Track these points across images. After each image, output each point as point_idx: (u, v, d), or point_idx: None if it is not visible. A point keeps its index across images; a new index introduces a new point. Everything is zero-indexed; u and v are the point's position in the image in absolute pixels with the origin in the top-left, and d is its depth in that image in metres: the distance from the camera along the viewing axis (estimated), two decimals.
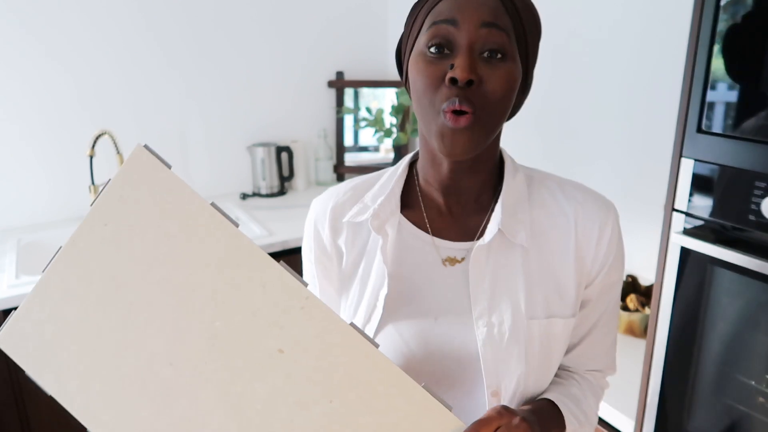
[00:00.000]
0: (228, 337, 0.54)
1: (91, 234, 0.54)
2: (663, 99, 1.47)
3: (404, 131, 2.38)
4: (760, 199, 0.90)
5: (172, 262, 0.54)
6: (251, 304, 0.54)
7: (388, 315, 0.73)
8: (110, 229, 0.54)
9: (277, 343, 0.55)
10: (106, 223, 0.54)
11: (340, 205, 0.78)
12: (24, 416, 1.64)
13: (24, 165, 1.97)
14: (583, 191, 0.74)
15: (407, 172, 0.78)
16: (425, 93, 0.63)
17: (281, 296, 0.55)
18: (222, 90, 2.26)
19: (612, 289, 0.76)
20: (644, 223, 1.55)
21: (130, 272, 0.54)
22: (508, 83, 0.62)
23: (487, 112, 0.62)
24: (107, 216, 0.54)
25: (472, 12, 0.61)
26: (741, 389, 1.00)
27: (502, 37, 0.61)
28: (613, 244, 0.73)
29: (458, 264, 0.72)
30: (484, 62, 0.61)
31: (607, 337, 0.80)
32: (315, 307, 0.55)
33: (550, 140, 1.84)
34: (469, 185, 0.72)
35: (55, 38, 1.92)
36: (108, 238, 0.54)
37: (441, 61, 0.62)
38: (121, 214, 0.55)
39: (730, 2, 0.90)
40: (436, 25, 0.62)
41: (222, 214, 0.55)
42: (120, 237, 0.54)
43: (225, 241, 0.55)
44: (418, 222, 0.75)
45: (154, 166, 0.55)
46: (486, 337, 0.69)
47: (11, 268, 1.68)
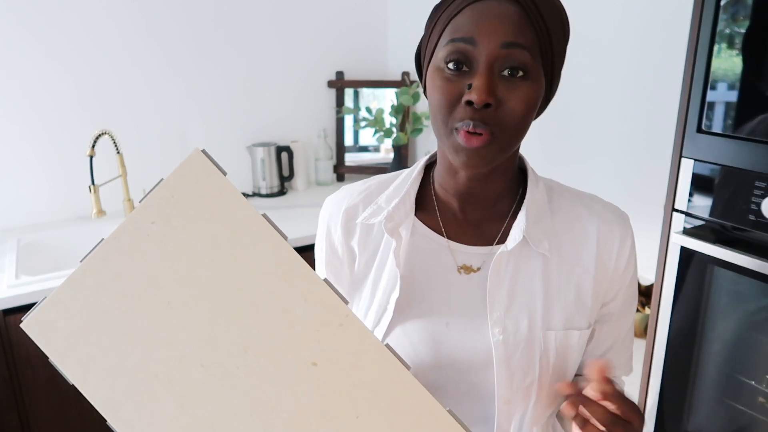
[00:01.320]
0: (263, 345, 0.55)
1: (137, 230, 0.55)
2: (663, 99, 1.47)
3: (404, 131, 2.38)
4: (760, 199, 0.90)
5: (216, 266, 0.55)
6: (290, 316, 0.55)
7: (397, 318, 0.71)
8: (156, 228, 0.55)
9: (311, 356, 0.55)
10: (153, 221, 0.55)
11: (354, 206, 0.77)
12: (24, 416, 1.64)
13: (24, 165, 1.97)
14: (602, 203, 0.74)
15: (423, 174, 0.76)
16: (440, 109, 0.61)
17: (322, 311, 0.55)
18: (222, 90, 2.26)
19: (633, 301, 0.76)
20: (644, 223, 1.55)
21: (171, 272, 0.55)
22: (528, 104, 0.60)
23: (504, 132, 0.60)
24: (155, 214, 0.55)
25: (492, 31, 0.58)
26: (741, 389, 1.00)
27: (524, 56, 0.59)
28: (632, 257, 0.73)
29: (474, 273, 0.71)
30: (504, 81, 0.59)
31: (628, 347, 0.80)
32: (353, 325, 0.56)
33: (550, 140, 1.84)
34: (487, 193, 0.71)
35: (55, 38, 1.92)
36: (153, 236, 0.55)
37: (459, 78, 0.60)
38: (169, 214, 0.55)
39: (730, 2, 0.90)
40: (453, 42, 0.60)
41: (272, 225, 0.55)
42: (165, 236, 0.55)
43: (272, 252, 0.55)
44: (432, 225, 0.74)
45: (209, 170, 0.55)
46: (501, 345, 0.68)
47: (11, 268, 1.68)
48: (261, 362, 0.55)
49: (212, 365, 0.55)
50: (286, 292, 0.55)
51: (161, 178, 0.56)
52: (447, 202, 0.73)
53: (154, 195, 0.55)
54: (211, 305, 0.55)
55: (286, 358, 0.55)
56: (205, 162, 0.55)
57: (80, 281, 0.54)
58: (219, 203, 0.55)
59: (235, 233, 0.55)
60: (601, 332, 0.76)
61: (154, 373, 0.55)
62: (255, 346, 0.55)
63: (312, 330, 0.55)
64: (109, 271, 0.54)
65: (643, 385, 1.14)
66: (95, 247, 0.55)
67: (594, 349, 0.77)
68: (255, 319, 0.55)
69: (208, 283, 0.55)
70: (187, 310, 0.55)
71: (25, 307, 1.57)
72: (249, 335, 0.55)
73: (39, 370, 1.62)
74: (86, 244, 2.00)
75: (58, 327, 0.54)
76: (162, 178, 0.56)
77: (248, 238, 0.55)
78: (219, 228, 0.55)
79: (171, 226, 0.55)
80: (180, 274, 0.55)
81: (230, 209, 0.55)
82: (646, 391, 1.14)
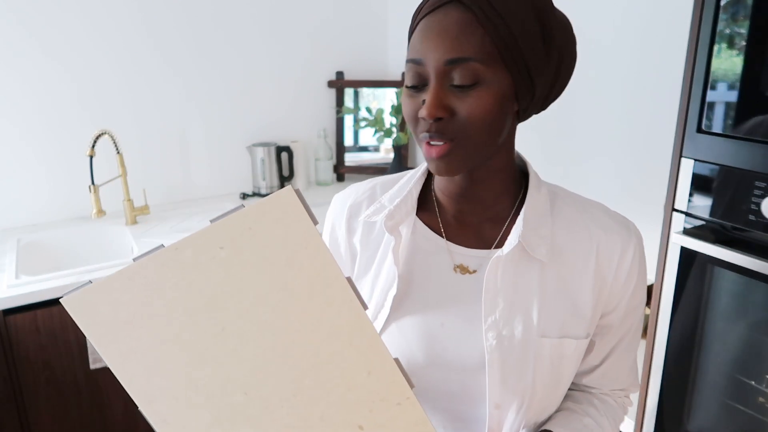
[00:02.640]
0: (314, 397, 0.54)
1: (203, 249, 0.52)
2: (663, 99, 1.47)
3: (404, 131, 2.38)
4: (760, 199, 0.90)
5: (281, 311, 0.53)
6: (349, 382, 0.55)
7: (394, 315, 0.72)
8: (225, 254, 0.52)
9: (359, 421, 0.55)
10: (222, 246, 0.52)
11: (358, 204, 0.78)
12: (24, 416, 1.64)
13: (24, 165, 1.97)
14: (607, 213, 0.73)
15: (426, 175, 0.77)
16: (409, 124, 0.66)
17: (383, 387, 0.55)
18: (222, 90, 2.26)
19: (635, 311, 0.75)
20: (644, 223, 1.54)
21: (231, 301, 0.53)
22: (484, 109, 0.60)
23: (467, 138, 0.62)
24: (226, 240, 0.52)
25: (434, 49, 0.60)
26: (741, 389, 1.00)
27: (470, 68, 0.59)
28: (635, 268, 0.71)
29: (470, 274, 0.71)
30: (456, 91, 0.60)
31: (629, 356, 0.79)
32: (412, 408, 0.55)
33: (549, 140, 1.84)
34: (481, 195, 0.71)
35: (55, 38, 1.92)
36: (220, 260, 0.52)
37: (417, 95, 0.63)
38: (242, 245, 0.52)
39: (730, 2, 0.90)
40: (408, 63, 0.63)
41: (355, 291, 0.54)
42: (233, 265, 0.52)
43: (347, 317, 0.54)
44: (433, 226, 0.74)
45: (299, 214, 0.52)
46: (494, 350, 0.68)
47: (11, 268, 1.68)
48: (307, 409, 0.55)
49: (256, 397, 0.54)
50: (352, 360, 0.54)
51: (241, 205, 0.53)
52: (446, 203, 0.74)
53: (230, 220, 0.52)
54: (268, 346, 0.54)
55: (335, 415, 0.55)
56: (296, 203, 0.52)
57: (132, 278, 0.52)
58: (301, 251, 0.53)
59: (313, 287, 0.53)
60: (599, 344, 0.76)
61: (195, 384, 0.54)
62: (305, 396, 0.55)
63: (368, 400, 0.55)
64: (165, 277, 0.53)
65: (643, 385, 1.14)
66: (152, 251, 0.52)
67: (592, 359, 0.77)
68: (311, 373, 0.54)
69: (269, 324, 0.53)
70: (240, 341, 0.53)
71: (25, 307, 1.57)
72: (302, 384, 0.54)
73: (39, 370, 1.62)
74: (86, 244, 2.00)
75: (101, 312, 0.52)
76: (243, 204, 0.53)
77: (326, 296, 0.53)
78: (295, 275, 0.53)
79: (241, 257, 0.52)
80: (241, 306, 0.53)
81: (312, 261, 0.53)
82: (646, 391, 1.14)
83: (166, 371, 0.54)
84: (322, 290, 0.54)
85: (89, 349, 1.65)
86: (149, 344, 0.53)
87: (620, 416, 0.81)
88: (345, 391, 0.55)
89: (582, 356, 0.74)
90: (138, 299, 0.53)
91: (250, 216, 0.52)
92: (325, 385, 0.55)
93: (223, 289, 0.53)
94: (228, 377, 0.54)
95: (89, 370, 1.68)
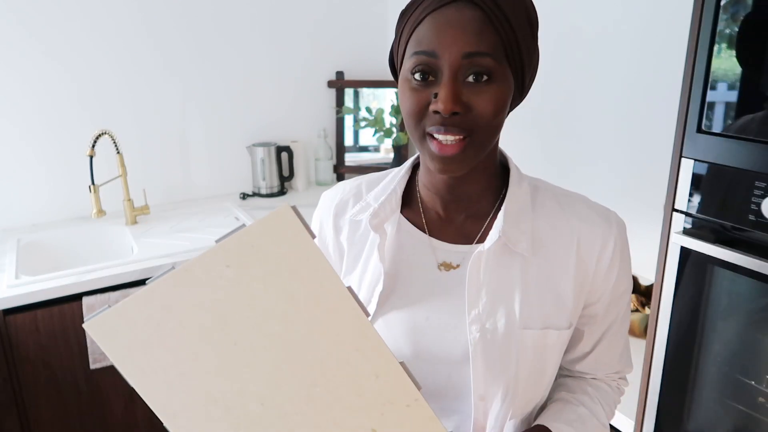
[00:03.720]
0: (325, 402, 0.56)
1: (211, 268, 0.55)
2: (663, 99, 1.47)
3: (404, 131, 2.38)
4: (760, 199, 0.90)
5: (289, 322, 0.55)
6: (358, 387, 0.56)
7: (380, 311, 0.74)
8: (232, 272, 0.55)
9: (372, 425, 0.56)
10: (228, 264, 0.55)
11: (344, 202, 0.79)
12: (24, 416, 1.64)
13: (24, 165, 1.97)
14: (587, 205, 0.74)
15: (410, 173, 0.78)
16: (411, 118, 0.63)
17: (391, 390, 0.56)
18: (222, 90, 2.26)
19: (621, 299, 0.76)
20: (644, 223, 1.55)
21: (241, 315, 0.55)
22: (497, 105, 0.61)
23: (477, 134, 0.62)
24: (232, 258, 0.55)
25: (452, 43, 0.59)
26: (741, 389, 1.00)
27: (487, 62, 0.59)
28: (617, 258, 0.72)
29: (453, 270, 0.72)
30: (470, 87, 0.60)
31: (618, 342, 0.80)
32: (421, 409, 0.56)
33: (549, 140, 1.84)
34: (467, 192, 0.72)
35: (54, 38, 1.92)
36: (227, 278, 0.55)
37: (425, 88, 0.62)
38: (247, 262, 0.55)
39: (730, 2, 0.90)
40: (416, 55, 0.61)
41: (356, 299, 0.56)
42: (239, 282, 0.55)
43: (350, 325, 0.56)
44: (417, 223, 0.75)
45: (297, 230, 0.55)
46: (478, 342, 0.69)
47: (11, 268, 1.68)
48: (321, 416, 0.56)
49: (272, 406, 0.56)
50: (359, 365, 0.56)
51: (242, 224, 0.56)
52: (430, 200, 0.75)
53: (233, 239, 0.55)
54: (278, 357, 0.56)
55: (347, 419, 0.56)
56: (294, 220, 0.55)
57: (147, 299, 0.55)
58: (302, 264, 0.55)
59: (316, 297, 0.55)
60: (588, 332, 0.77)
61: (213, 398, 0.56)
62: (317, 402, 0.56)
63: (378, 404, 0.56)
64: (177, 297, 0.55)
65: (643, 385, 1.14)
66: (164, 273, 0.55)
67: (583, 346, 0.78)
68: (321, 380, 0.56)
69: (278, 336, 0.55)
70: (253, 354, 0.55)
71: (25, 307, 1.57)
72: (314, 391, 0.56)
73: (39, 370, 1.62)
74: (86, 244, 2.00)
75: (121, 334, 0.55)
76: (243, 224, 0.56)
77: (329, 305, 0.56)
78: (299, 287, 0.55)
79: (248, 274, 0.55)
80: (251, 320, 0.55)
81: (314, 273, 0.55)
82: (646, 391, 1.14)
83: (185, 387, 0.55)
84: (325, 300, 0.55)
85: (89, 349, 1.65)
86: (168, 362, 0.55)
87: (616, 399, 0.82)
88: (355, 396, 0.56)
89: (565, 346, 0.76)
90: (154, 320, 0.55)
91: (252, 234, 0.55)
92: (335, 391, 0.56)
93: (232, 305, 0.55)
94: (243, 389, 0.56)
95: (89, 370, 1.67)
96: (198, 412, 0.56)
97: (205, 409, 0.56)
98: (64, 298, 1.61)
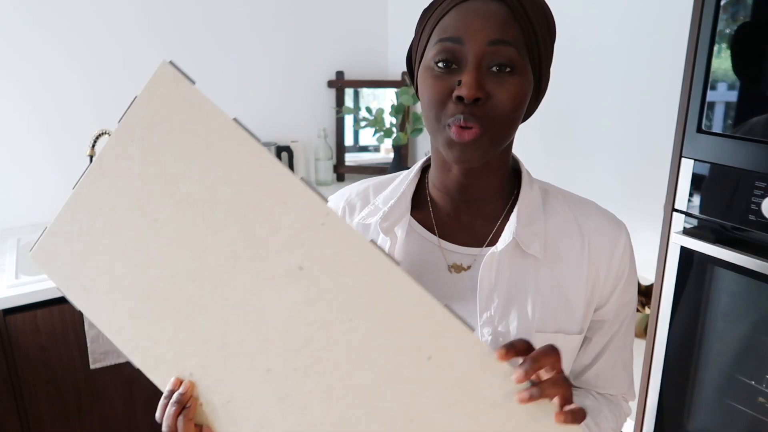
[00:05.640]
0: (249, 253, 0.54)
1: (118, 150, 0.55)
2: (663, 99, 1.47)
3: (404, 131, 2.38)
4: (760, 199, 0.90)
5: (194, 178, 0.54)
6: (272, 221, 0.53)
7: None
8: (136, 146, 0.54)
9: (297, 260, 0.53)
10: (132, 139, 0.54)
11: (351, 206, 0.78)
12: (24, 416, 1.64)
13: (24, 165, 1.97)
14: (596, 208, 0.74)
15: (419, 176, 0.78)
16: (432, 107, 0.63)
17: (303, 212, 0.53)
18: (222, 90, 2.26)
19: (626, 308, 0.76)
20: (644, 222, 1.55)
21: (154, 189, 0.54)
22: (517, 97, 0.62)
23: (495, 125, 0.62)
24: (133, 132, 0.54)
25: (478, 30, 0.60)
26: (741, 389, 1.00)
27: (510, 52, 0.60)
28: (626, 262, 0.72)
29: (464, 272, 0.72)
30: (492, 76, 0.61)
31: (621, 355, 0.78)
32: (336, 223, 0.53)
33: (549, 140, 1.84)
34: (479, 191, 0.71)
35: (54, 38, 1.92)
36: (134, 154, 0.54)
37: (448, 76, 0.62)
38: (146, 131, 0.54)
39: (730, 2, 0.90)
40: (442, 42, 0.62)
41: (245, 129, 0.54)
42: (145, 153, 0.54)
43: (246, 158, 0.53)
44: (427, 225, 0.74)
45: (178, 81, 0.54)
46: (490, 345, 0.68)
47: (11, 268, 1.68)
48: (249, 272, 0.54)
49: (203, 280, 0.54)
50: (265, 198, 0.53)
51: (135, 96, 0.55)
52: (440, 201, 0.74)
53: (130, 114, 0.55)
54: (195, 219, 0.54)
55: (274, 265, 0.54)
56: (174, 73, 0.54)
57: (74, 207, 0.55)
58: (191, 113, 0.54)
59: (209, 143, 0.54)
60: (594, 340, 0.76)
61: (149, 291, 0.55)
62: (241, 256, 0.54)
63: (295, 232, 0.53)
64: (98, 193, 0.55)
65: (643, 385, 1.14)
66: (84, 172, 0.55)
67: (584, 357, 0.77)
68: (238, 229, 0.54)
69: (188, 196, 0.54)
70: (173, 226, 0.54)
71: (25, 307, 1.57)
72: (234, 245, 0.54)
73: (39, 370, 1.62)
74: None
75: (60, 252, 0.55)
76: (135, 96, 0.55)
77: (222, 145, 0.54)
78: (193, 139, 0.54)
79: (149, 143, 0.54)
80: (163, 190, 0.54)
81: (202, 118, 0.54)
82: (646, 391, 1.14)
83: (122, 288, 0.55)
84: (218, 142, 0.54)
85: (89, 349, 1.65)
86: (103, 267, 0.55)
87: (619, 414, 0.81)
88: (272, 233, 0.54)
89: (575, 354, 0.75)
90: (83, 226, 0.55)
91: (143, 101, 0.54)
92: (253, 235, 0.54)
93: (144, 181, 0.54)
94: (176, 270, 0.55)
95: (89, 370, 1.67)
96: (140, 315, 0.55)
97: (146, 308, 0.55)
98: (64, 298, 1.61)
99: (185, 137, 0.54)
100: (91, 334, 1.65)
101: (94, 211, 0.55)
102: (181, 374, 0.56)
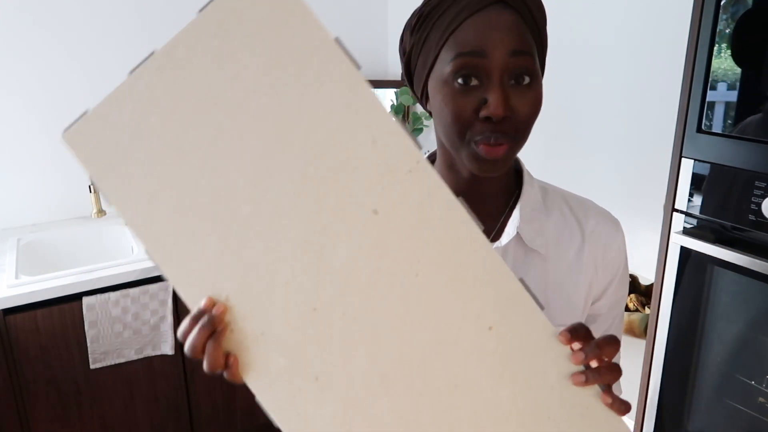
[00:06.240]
0: (320, 186, 0.49)
1: (195, 43, 0.48)
2: (663, 99, 1.47)
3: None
4: (760, 199, 0.90)
5: (277, 95, 0.49)
6: (355, 157, 0.49)
7: None
8: (217, 44, 0.48)
9: (373, 203, 0.49)
10: (215, 35, 0.48)
11: None
12: (24, 416, 1.64)
13: (24, 165, 1.97)
14: (594, 207, 0.75)
15: None
16: (455, 124, 0.62)
17: (391, 155, 0.49)
18: None
19: (618, 305, 0.77)
20: (644, 222, 1.55)
21: (228, 94, 0.49)
22: (536, 107, 0.62)
23: (520, 136, 0.63)
24: (217, 28, 0.48)
25: (500, 41, 0.59)
26: (741, 389, 1.00)
27: (529, 62, 0.60)
28: (621, 258, 0.74)
29: None
30: (513, 90, 0.61)
31: None
32: (424, 173, 0.49)
33: (549, 140, 1.84)
34: (488, 191, 0.72)
35: (54, 38, 1.92)
36: (213, 51, 0.48)
37: (471, 93, 0.61)
38: (232, 30, 0.48)
39: (730, 2, 0.90)
40: (462, 57, 0.60)
41: (346, 52, 0.49)
42: (226, 54, 0.48)
43: (341, 84, 0.48)
44: None
45: None
46: None
47: (11, 268, 1.68)
48: (316, 204, 0.49)
49: (263, 203, 0.49)
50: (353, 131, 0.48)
51: None
52: None
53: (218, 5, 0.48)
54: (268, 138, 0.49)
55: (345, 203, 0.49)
56: None
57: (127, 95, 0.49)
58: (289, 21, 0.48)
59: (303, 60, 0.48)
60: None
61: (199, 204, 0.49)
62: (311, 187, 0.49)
63: (377, 174, 0.49)
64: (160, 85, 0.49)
65: (643, 385, 1.14)
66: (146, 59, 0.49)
67: None
68: (313, 158, 0.49)
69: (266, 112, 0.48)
70: (240, 140, 0.49)
71: (25, 307, 1.57)
72: (306, 174, 0.49)
73: (39, 370, 1.62)
74: (86, 244, 2.00)
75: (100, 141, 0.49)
76: None
77: (317, 64, 0.48)
78: (285, 49, 0.48)
79: (233, 43, 0.48)
80: (237, 97, 0.48)
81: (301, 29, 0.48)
82: (646, 391, 1.14)
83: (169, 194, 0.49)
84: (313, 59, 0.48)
85: (89, 349, 1.65)
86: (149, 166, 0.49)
87: None
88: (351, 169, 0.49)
89: None
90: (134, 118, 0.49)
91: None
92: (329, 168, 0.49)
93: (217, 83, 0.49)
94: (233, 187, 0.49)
95: (89, 370, 1.67)
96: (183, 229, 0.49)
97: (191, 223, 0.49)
98: (64, 298, 1.61)
99: (276, 47, 0.48)
100: (91, 334, 1.65)
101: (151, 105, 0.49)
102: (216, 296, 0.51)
